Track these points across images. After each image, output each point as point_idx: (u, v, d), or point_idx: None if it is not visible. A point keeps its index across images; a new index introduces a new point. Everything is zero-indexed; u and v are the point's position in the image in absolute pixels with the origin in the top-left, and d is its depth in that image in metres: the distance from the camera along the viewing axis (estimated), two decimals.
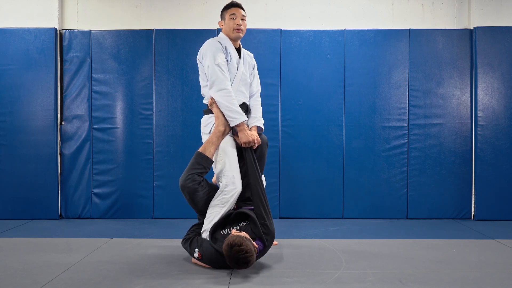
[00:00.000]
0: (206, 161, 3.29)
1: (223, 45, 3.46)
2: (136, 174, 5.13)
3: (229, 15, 3.50)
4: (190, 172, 3.25)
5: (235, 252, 2.88)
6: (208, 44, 3.47)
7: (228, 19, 3.50)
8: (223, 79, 3.35)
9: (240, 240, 2.91)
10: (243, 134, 3.34)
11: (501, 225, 4.83)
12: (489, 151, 5.08)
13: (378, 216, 5.15)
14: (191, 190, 3.23)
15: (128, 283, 2.85)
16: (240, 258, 2.89)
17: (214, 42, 3.45)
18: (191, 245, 3.21)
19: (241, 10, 3.53)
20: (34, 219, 5.06)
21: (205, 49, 3.45)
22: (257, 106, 3.69)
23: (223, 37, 3.53)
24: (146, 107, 5.15)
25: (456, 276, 3.02)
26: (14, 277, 2.97)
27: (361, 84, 5.15)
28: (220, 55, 3.39)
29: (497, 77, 5.11)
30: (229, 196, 3.27)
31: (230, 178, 3.29)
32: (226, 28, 3.52)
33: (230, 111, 3.33)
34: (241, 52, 3.59)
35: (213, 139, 3.34)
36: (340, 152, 5.16)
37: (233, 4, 3.54)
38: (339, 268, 3.19)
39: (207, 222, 3.25)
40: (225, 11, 3.54)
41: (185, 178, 3.23)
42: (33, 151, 5.06)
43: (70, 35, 5.15)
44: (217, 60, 3.37)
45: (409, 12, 5.27)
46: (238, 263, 2.92)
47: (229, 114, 3.34)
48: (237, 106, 3.36)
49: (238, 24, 3.47)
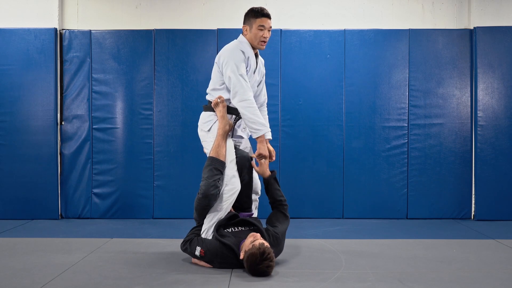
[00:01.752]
0: (222, 166, 3.26)
1: (246, 56, 3.37)
2: (136, 174, 5.13)
3: (257, 25, 3.36)
4: (213, 179, 3.19)
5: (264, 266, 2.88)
6: (231, 52, 3.36)
7: (256, 29, 3.37)
8: (246, 89, 3.29)
9: (270, 250, 2.92)
10: (262, 146, 3.31)
11: (501, 225, 4.83)
12: (489, 151, 5.08)
13: (378, 216, 5.15)
14: (214, 197, 3.20)
15: (128, 283, 2.84)
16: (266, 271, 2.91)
17: (238, 52, 3.34)
18: (191, 245, 3.20)
19: (270, 20, 3.41)
20: (34, 219, 5.06)
21: (227, 57, 3.34)
22: (265, 118, 3.67)
23: (246, 45, 3.41)
24: (146, 107, 5.15)
25: (456, 276, 3.02)
26: (14, 277, 2.97)
27: (361, 84, 5.15)
28: (243, 65, 3.32)
29: (497, 77, 5.11)
30: (229, 196, 3.26)
31: (230, 177, 3.28)
32: (252, 36, 3.39)
33: (254, 122, 3.28)
34: (258, 60, 3.52)
35: (222, 141, 3.31)
36: (340, 152, 5.16)
37: (263, 14, 3.37)
38: (339, 268, 3.19)
39: (206, 223, 3.26)
40: (254, 19, 3.37)
41: (209, 185, 3.18)
42: (33, 151, 5.06)
43: (70, 35, 5.15)
44: (241, 71, 3.30)
45: (409, 12, 5.28)
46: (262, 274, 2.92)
47: (252, 126, 3.29)
48: (260, 117, 3.30)
49: (265, 36, 3.38)
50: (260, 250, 2.88)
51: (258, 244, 2.91)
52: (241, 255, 3.01)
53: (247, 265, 2.94)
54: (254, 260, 2.88)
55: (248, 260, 2.91)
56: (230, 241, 3.10)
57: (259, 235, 3.08)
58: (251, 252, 2.90)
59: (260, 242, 2.94)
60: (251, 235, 3.06)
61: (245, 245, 3.02)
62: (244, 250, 2.99)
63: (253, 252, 2.88)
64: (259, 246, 2.89)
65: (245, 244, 3.03)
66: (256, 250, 2.88)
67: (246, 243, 3.02)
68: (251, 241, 2.99)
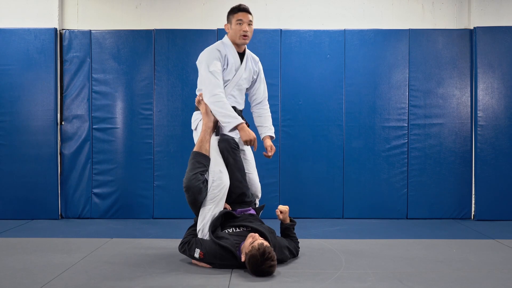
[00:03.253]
0: (205, 159, 3.29)
1: (222, 53, 3.40)
2: (136, 174, 5.13)
3: (235, 20, 3.40)
4: (193, 172, 3.23)
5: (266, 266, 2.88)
6: (206, 52, 3.43)
7: (235, 24, 3.41)
8: (215, 85, 3.33)
9: (270, 249, 2.91)
10: (242, 132, 3.31)
11: (501, 225, 4.84)
12: (489, 151, 5.08)
13: (378, 216, 5.15)
14: (196, 189, 3.22)
15: (128, 283, 2.84)
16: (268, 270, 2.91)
17: (213, 51, 3.40)
18: (190, 247, 3.19)
19: (249, 14, 3.43)
20: (34, 219, 5.06)
21: (202, 57, 3.43)
22: (266, 115, 3.66)
23: (227, 43, 3.46)
24: (146, 107, 5.15)
25: (456, 276, 3.02)
26: (14, 277, 2.97)
27: (361, 84, 5.15)
28: (215, 63, 3.36)
29: (497, 77, 5.11)
30: (218, 191, 3.26)
31: (217, 173, 3.29)
32: (232, 33, 3.43)
33: (223, 116, 3.31)
34: (244, 57, 3.52)
35: (206, 136, 3.34)
36: (340, 152, 5.16)
37: (240, 8, 3.42)
38: (339, 268, 3.19)
39: (200, 221, 3.26)
40: (232, 15, 3.43)
41: (190, 178, 3.22)
42: (33, 151, 5.06)
43: (70, 35, 5.15)
44: (211, 68, 3.34)
45: (409, 12, 5.28)
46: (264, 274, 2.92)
47: (222, 119, 3.32)
48: (229, 110, 3.31)
49: (244, 30, 3.39)
50: (260, 250, 2.87)
51: (257, 244, 2.90)
52: (242, 258, 3.00)
53: (249, 267, 2.94)
54: (256, 261, 2.88)
55: (250, 262, 2.91)
56: (228, 243, 3.09)
57: (257, 235, 3.07)
58: (251, 254, 2.89)
59: (259, 242, 2.93)
60: (249, 236, 3.05)
61: (244, 246, 3.02)
62: (245, 252, 2.98)
63: (253, 253, 2.88)
64: (259, 246, 2.89)
65: (244, 246, 3.02)
66: (256, 251, 2.87)
67: (245, 245, 3.01)
68: (250, 242, 2.98)
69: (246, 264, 2.97)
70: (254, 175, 3.61)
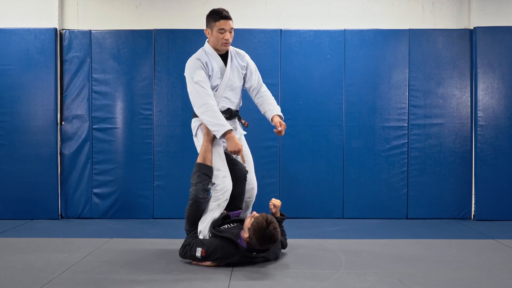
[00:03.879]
0: (209, 171, 3.36)
1: (203, 61, 3.42)
2: (136, 174, 5.13)
3: (217, 28, 3.38)
4: (201, 184, 3.30)
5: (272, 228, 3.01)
6: (188, 64, 3.46)
7: (216, 32, 3.39)
8: (203, 94, 3.35)
9: (271, 217, 3.07)
10: (230, 142, 3.34)
11: (501, 225, 4.83)
12: (489, 151, 5.08)
13: (378, 216, 5.15)
14: (202, 202, 3.31)
15: (128, 283, 2.85)
16: (274, 234, 3.02)
17: (193, 62, 3.42)
18: (191, 247, 3.23)
19: (230, 21, 3.42)
20: (34, 219, 5.06)
21: (186, 70, 3.46)
22: (269, 99, 3.67)
23: (208, 51, 3.47)
24: (146, 107, 5.15)
25: (456, 276, 3.02)
26: (14, 277, 2.97)
27: (361, 84, 5.15)
28: (199, 72, 3.38)
29: (497, 77, 5.11)
30: (220, 194, 3.33)
31: (221, 178, 3.35)
32: (214, 40, 3.43)
33: (213, 125, 3.33)
34: (228, 57, 3.52)
35: (208, 146, 3.40)
36: (340, 152, 5.16)
37: (222, 16, 3.39)
38: (339, 268, 3.19)
39: (201, 223, 3.32)
40: (213, 22, 3.40)
41: (198, 190, 3.29)
42: (33, 151, 5.06)
43: (70, 35, 5.15)
44: (195, 78, 3.37)
45: (409, 12, 5.27)
46: (271, 239, 3.03)
47: (212, 128, 3.35)
48: (218, 118, 3.33)
49: (226, 39, 3.40)
50: (264, 217, 3.06)
51: (259, 214, 3.10)
52: (246, 234, 3.10)
53: (254, 234, 3.03)
54: (261, 225, 3.01)
55: (255, 228, 3.02)
56: (228, 234, 3.18)
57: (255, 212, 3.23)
58: (256, 220, 3.05)
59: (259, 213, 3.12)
60: (248, 216, 3.18)
61: (245, 225, 3.13)
62: (247, 228, 3.09)
63: (259, 219, 3.04)
64: (261, 214, 3.09)
65: (245, 224, 3.14)
66: (260, 217, 3.06)
67: (246, 223, 3.14)
68: (250, 218, 3.13)
69: (250, 233, 3.06)
70: (252, 175, 3.63)
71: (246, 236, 3.10)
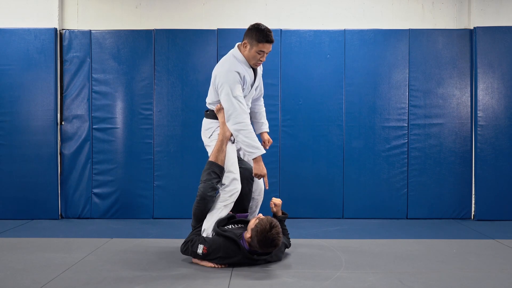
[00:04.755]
0: (220, 170, 3.36)
1: (241, 75, 3.35)
2: (136, 174, 5.13)
3: (258, 49, 3.32)
4: (210, 181, 3.30)
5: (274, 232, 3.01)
6: (226, 74, 3.33)
7: (255, 52, 3.34)
8: (240, 112, 3.32)
9: (276, 222, 3.08)
10: (257, 166, 3.36)
11: (501, 225, 4.83)
12: (489, 151, 5.08)
13: (378, 216, 5.15)
14: (210, 199, 3.31)
15: (128, 283, 2.85)
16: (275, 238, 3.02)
17: (232, 74, 3.32)
18: (193, 244, 3.23)
19: (271, 45, 3.38)
20: (34, 219, 5.06)
21: (222, 78, 3.33)
22: (262, 112, 3.77)
23: (242, 61, 3.39)
24: (146, 107, 5.15)
25: (456, 276, 3.02)
26: (14, 277, 2.97)
27: (361, 84, 5.15)
28: (238, 87, 3.33)
29: (497, 77, 5.11)
30: (229, 196, 3.34)
31: (231, 179, 3.35)
32: (250, 56, 3.36)
33: (248, 146, 3.33)
34: (256, 70, 3.53)
35: (222, 146, 3.39)
36: (340, 152, 5.16)
37: (268, 40, 3.32)
38: (339, 268, 3.19)
39: (206, 221, 3.32)
40: (256, 42, 3.32)
41: (206, 187, 3.28)
42: (33, 151, 5.06)
43: (70, 35, 5.15)
44: (235, 93, 3.30)
45: (409, 12, 5.27)
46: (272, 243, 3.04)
47: (246, 149, 3.36)
48: (255, 140, 3.34)
49: (262, 60, 3.40)
50: (269, 220, 3.07)
51: (264, 217, 3.11)
52: (248, 234, 3.10)
53: (256, 235, 3.04)
54: (264, 228, 3.02)
55: (258, 230, 3.03)
56: (231, 234, 3.18)
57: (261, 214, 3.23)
58: (260, 222, 3.06)
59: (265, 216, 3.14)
60: (254, 218, 3.19)
61: (249, 226, 3.13)
62: (251, 228, 3.09)
63: (263, 221, 3.06)
64: (266, 217, 3.10)
65: (249, 224, 3.14)
66: (265, 219, 3.07)
67: (250, 224, 3.14)
68: (254, 220, 3.13)
69: (253, 235, 3.06)
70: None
71: (248, 236, 3.11)
